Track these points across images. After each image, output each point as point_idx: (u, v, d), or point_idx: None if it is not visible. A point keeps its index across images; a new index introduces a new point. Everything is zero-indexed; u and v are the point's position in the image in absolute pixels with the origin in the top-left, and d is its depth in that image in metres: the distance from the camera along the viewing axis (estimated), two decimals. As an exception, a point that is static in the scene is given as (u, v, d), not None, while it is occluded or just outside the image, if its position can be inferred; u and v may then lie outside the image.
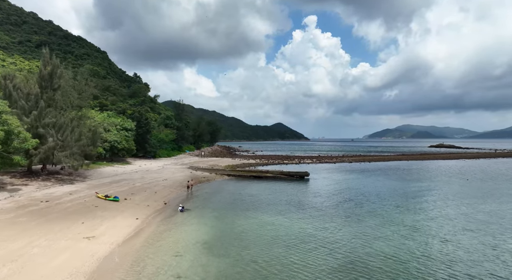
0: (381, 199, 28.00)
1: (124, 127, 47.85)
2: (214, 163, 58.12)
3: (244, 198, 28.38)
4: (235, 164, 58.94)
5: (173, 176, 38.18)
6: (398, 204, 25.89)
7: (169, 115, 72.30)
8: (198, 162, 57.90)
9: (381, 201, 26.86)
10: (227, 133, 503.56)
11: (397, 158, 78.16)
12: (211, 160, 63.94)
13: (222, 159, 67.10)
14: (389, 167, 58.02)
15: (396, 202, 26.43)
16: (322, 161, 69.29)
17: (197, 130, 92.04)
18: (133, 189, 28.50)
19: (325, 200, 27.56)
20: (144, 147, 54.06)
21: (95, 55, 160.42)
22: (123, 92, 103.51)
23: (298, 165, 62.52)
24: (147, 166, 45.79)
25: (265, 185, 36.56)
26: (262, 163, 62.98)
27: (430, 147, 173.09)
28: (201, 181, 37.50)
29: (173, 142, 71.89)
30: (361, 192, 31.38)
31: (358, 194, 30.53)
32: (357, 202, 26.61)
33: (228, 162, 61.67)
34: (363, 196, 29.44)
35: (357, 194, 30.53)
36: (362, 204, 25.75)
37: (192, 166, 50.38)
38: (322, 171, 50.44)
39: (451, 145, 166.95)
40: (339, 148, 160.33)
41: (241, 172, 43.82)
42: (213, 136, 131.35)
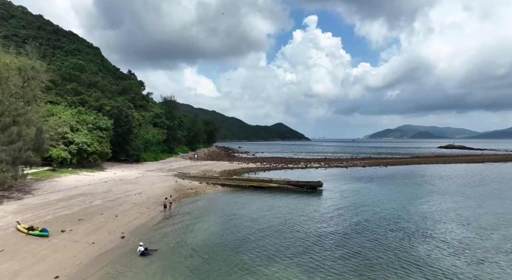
0: (443, 231, 19.89)
1: (98, 126, 39.75)
2: (208, 168, 50.00)
3: (240, 225, 20.25)
4: (232, 169, 50.82)
5: (151, 188, 30.05)
6: (465, 238, 17.78)
7: (158, 113, 64.24)
8: (189, 167, 49.79)
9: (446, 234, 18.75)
10: (227, 133, 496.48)
11: (415, 161, 69.96)
12: (205, 164, 55.83)
13: (218, 163, 58.98)
14: (412, 173, 49.84)
15: (463, 233, 18.36)
16: (331, 165, 61.18)
17: (192, 130, 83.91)
18: (86, 211, 20.41)
19: (356, 230, 19.43)
20: (125, 150, 45.97)
21: (86, 51, 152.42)
22: (112, 88, 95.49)
23: (305, 170, 54.41)
24: (124, 173, 37.66)
25: (269, 200, 28.48)
26: (263, 168, 54.86)
27: (439, 147, 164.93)
28: (187, 194, 29.39)
29: (163, 144, 63.82)
30: (402, 216, 23.25)
31: (399, 219, 22.40)
32: (406, 235, 18.52)
33: (224, 166, 53.54)
34: (406, 222, 21.32)
35: (398, 219, 22.40)
36: (413, 237, 17.67)
37: (181, 172, 42.28)
38: (335, 179, 42.31)
39: (462, 146, 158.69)
40: (343, 149, 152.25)
41: (239, 182, 35.69)
42: (210, 137, 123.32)
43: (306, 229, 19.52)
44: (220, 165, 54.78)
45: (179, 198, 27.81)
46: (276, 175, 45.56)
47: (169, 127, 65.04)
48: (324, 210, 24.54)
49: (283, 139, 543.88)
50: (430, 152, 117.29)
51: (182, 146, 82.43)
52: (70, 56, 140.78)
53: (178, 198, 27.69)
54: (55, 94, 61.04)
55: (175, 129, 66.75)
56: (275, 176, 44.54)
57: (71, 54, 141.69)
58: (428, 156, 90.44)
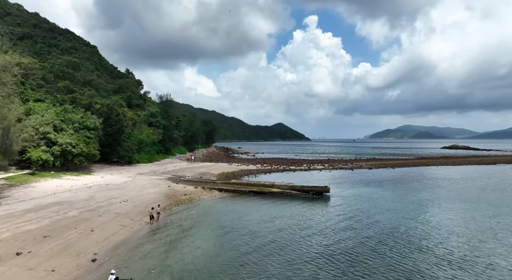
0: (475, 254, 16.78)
1: (86, 125, 36.63)
2: (205, 170, 46.91)
3: (237, 241, 17.14)
4: (231, 171, 47.74)
5: (139, 194, 26.95)
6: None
7: (153, 112, 61.20)
8: (185, 169, 46.69)
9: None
10: (227, 133, 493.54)
11: (422, 162, 66.82)
12: (203, 166, 52.72)
13: (217, 165, 55.87)
14: (423, 175, 46.73)
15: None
16: (335, 166, 58.05)
17: (190, 130, 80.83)
18: (56, 225, 17.32)
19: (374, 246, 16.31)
20: (116, 151, 42.87)
21: (83, 49, 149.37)
22: (107, 87, 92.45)
23: (308, 172, 51.31)
24: (112, 177, 34.52)
25: (270, 208, 25.38)
26: (264, 170, 51.73)
27: (443, 148, 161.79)
28: (179, 201, 26.28)
29: (158, 144, 60.73)
30: (423, 231, 20.16)
31: (420, 234, 19.30)
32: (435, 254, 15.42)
33: (222, 168, 50.46)
34: (429, 238, 18.23)
35: (419, 234, 19.30)
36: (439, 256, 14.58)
37: (175, 175, 39.17)
38: (342, 182, 39.18)
39: (466, 146, 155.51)
40: (345, 149, 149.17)
41: (238, 186, 32.56)
42: (209, 137, 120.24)
43: (315, 246, 16.42)
44: (218, 167, 51.68)
45: (170, 206, 24.71)
46: (278, 178, 42.53)
47: (165, 126, 61.98)
48: (333, 221, 21.44)
49: (284, 139, 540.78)
50: (436, 153, 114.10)
51: (180, 147, 79.34)
52: (66, 54, 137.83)
53: (169, 206, 24.59)
54: (44, 92, 58.02)
55: (172, 129, 63.68)
56: (277, 179, 41.52)
57: (67, 52, 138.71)
58: (435, 157, 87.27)
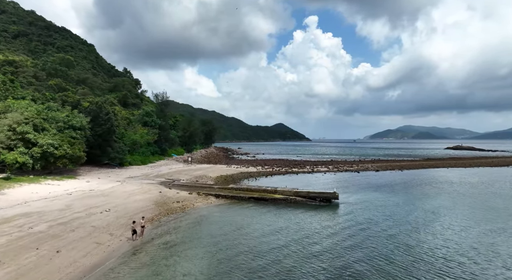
0: None
1: (71, 124, 33.55)
2: (202, 173, 43.86)
3: (234, 262, 14.01)
4: (230, 174, 44.68)
5: (125, 202, 23.87)
6: None
7: (149, 111, 58.08)
8: (180, 172, 43.62)
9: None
10: (227, 134, 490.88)
11: (431, 164, 63.64)
12: (200, 168, 49.65)
13: (215, 167, 52.82)
14: (435, 179, 43.61)
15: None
16: (340, 168, 54.94)
17: (188, 130, 77.76)
18: (13, 245, 14.23)
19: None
20: (106, 152, 39.80)
21: (79, 48, 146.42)
22: (103, 86, 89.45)
23: (312, 174, 48.25)
24: (99, 181, 31.46)
25: (273, 217, 22.32)
26: (265, 173, 48.63)
27: (447, 148, 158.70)
28: (170, 210, 23.20)
29: (154, 145, 57.67)
30: (454, 250, 17.06)
31: (449, 253, 16.19)
32: None
33: (221, 171, 47.40)
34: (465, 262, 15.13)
35: (448, 253, 16.19)
36: None
37: (169, 178, 36.13)
38: (350, 187, 36.09)
39: (471, 147, 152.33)
40: (347, 150, 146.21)
41: (237, 192, 29.49)
42: (208, 137, 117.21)
43: (326, 268, 13.33)
44: (216, 170, 48.61)
45: (159, 216, 21.64)
46: (280, 182, 39.50)
47: (161, 126, 58.92)
48: (345, 235, 18.36)
49: (284, 140, 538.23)
50: (441, 154, 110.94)
51: (177, 148, 76.27)
52: (62, 52, 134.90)
53: (158, 216, 21.52)
54: (33, 90, 54.99)
55: (168, 129, 60.64)
56: (279, 182, 38.50)
57: (63, 50, 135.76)
58: (442, 158, 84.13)
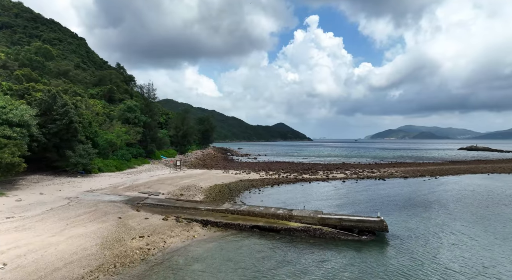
0: None
1: (6, 119, 24.34)
2: (192, 181, 34.65)
3: None
4: (226, 183, 35.45)
5: (45, 244, 14.46)
6: None
7: (131, 106, 48.72)
8: (164, 180, 34.39)
9: None
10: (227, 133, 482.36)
11: (465, 169, 53.96)
12: (190, 175, 40.40)
13: (209, 173, 43.59)
14: (496, 191, 34.24)
15: None
16: (359, 174, 45.61)
17: (181, 129, 68.55)
18: None
19: None
20: (64, 156, 30.56)
21: (68, 41, 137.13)
22: (86, 79, 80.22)
23: (328, 183, 39.00)
24: (38, 199, 22.18)
25: (292, 268, 13.01)
26: (270, 181, 39.34)
27: (460, 149, 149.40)
28: (123, 257, 13.94)
29: (137, 146, 48.50)
30: None
31: None
32: None
33: (215, 178, 38.20)
34: None
35: None
36: None
37: (144, 192, 26.92)
38: (384, 202, 26.83)
39: (486, 147, 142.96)
40: (354, 151, 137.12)
41: (233, 217, 20.24)
42: (205, 137, 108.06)
43: None
44: (210, 177, 39.38)
45: (94, 276, 12.34)
46: (291, 194, 30.31)
47: (147, 124, 49.77)
48: None
49: (285, 139, 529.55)
50: (461, 155, 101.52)
51: (168, 148, 67.05)
52: (50, 45, 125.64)
53: (90, 277, 12.21)
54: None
55: (155, 127, 51.47)
56: (289, 195, 29.36)
57: (50, 43, 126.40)
58: (468, 161, 74.75)
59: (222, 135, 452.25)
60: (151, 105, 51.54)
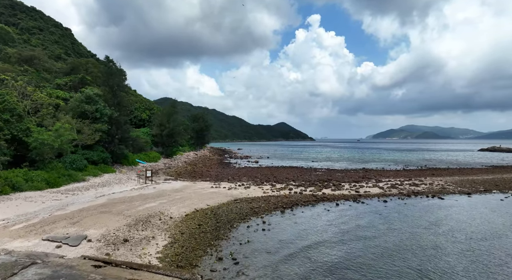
0: None
1: None
2: (158, 206, 22.27)
3: None
4: (213, 205, 23.03)
5: None
6: None
7: (91, 95, 36.08)
8: (115, 204, 21.96)
9: None
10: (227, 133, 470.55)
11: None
12: (161, 192, 27.93)
13: (192, 188, 31.12)
14: None
15: None
16: (398, 187, 33.07)
17: (166, 126, 56.20)
18: None
19: None
20: None
21: (51, 31, 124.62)
22: (55, 67, 67.89)
23: (363, 203, 26.45)
24: None
25: None
26: (279, 201, 26.60)
27: (480, 150, 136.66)
28: None
29: (99, 148, 36.18)
30: None
31: None
32: None
33: (198, 198, 25.77)
34: None
35: None
36: None
37: (54, 238, 14.42)
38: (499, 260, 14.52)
39: (509, 148, 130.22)
40: (365, 153, 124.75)
41: None
42: (200, 136, 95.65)
43: None
44: (191, 195, 26.95)
45: None
46: (316, 232, 17.60)
47: (113, 120, 37.49)
48: None
49: (287, 139, 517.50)
50: (489, 158, 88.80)
51: (149, 151, 54.67)
52: (28, 34, 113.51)
53: None
54: None
55: (127, 124, 39.01)
56: (314, 235, 16.73)
57: (29, 32, 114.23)
58: None
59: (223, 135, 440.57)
60: (118, 94, 39.03)
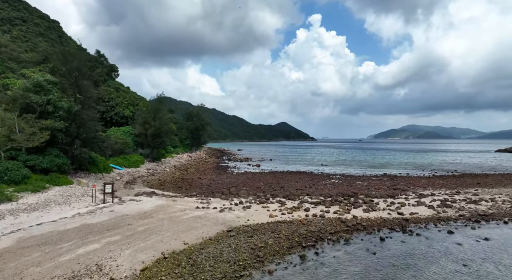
0: None
1: None
2: (100, 252, 13.44)
3: None
4: (192, 248, 14.10)
5: None
6: None
7: (40, 82, 27.33)
8: (29, 249, 13.13)
9: None
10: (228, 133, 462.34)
11: None
12: (117, 220, 19.06)
13: (167, 210, 22.24)
14: None
15: None
16: (450, 204, 24.33)
17: (151, 125, 47.37)
18: None
19: None
20: None
21: (35, 22, 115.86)
22: (24, 57, 59.05)
23: (414, 238, 17.71)
24: None
25: None
26: (296, 235, 17.62)
27: (497, 151, 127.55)
28: None
29: (54, 153, 27.41)
30: None
31: None
32: None
33: (171, 233, 16.78)
34: None
35: None
36: None
37: None
38: None
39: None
40: (376, 155, 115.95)
41: None
42: (196, 137, 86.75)
43: None
44: (162, 226, 18.05)
45: None
46: None
47: (73, 115, 28.76)
48: None
49: (288, 139, 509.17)
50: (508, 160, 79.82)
51: (129, 154, 45.81)
52: (9, 25, 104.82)
53: None
54: None
55: (91, 120, 30.25)
56: None
57: (11, 23, 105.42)
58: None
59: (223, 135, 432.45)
60: (81, 83, 30.10)
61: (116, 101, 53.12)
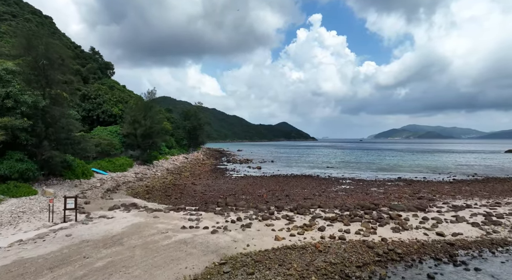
0: None
1: None
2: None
3: None
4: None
5: None
6: None
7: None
8: None
9: None
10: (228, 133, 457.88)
11: None
12: (60, 254, 14.37)
13: (142, 233, 17.58)
14: None
15: None
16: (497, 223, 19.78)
17: (141, 124, 42.70)
18: None
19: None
20: None
21: (27, 18, 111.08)
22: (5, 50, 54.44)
23: None
24: None
25: None
26: (325, 271, 13.19)
27: (508, 152, 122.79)
28: None
29: (16, 156, 22.78)
30: None
31: None
32: None
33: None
34: None
35: None
36: None
37: None
38: None
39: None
40: (383, 156, 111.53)
41: None
42: (193, 137, 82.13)
43: None
44: (132, 255, 13.30)
45: None
46: None
47: (40, 111, 24.19)
48: None
49: (288, 139, 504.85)
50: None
51: (116, 157, 41.14)
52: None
53: None
54: None
55: (63, 117, 25.67)
56: None
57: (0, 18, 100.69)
58: None
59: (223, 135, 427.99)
60: (50, 73, 25.52)
61: (104, 98, 48.42)
